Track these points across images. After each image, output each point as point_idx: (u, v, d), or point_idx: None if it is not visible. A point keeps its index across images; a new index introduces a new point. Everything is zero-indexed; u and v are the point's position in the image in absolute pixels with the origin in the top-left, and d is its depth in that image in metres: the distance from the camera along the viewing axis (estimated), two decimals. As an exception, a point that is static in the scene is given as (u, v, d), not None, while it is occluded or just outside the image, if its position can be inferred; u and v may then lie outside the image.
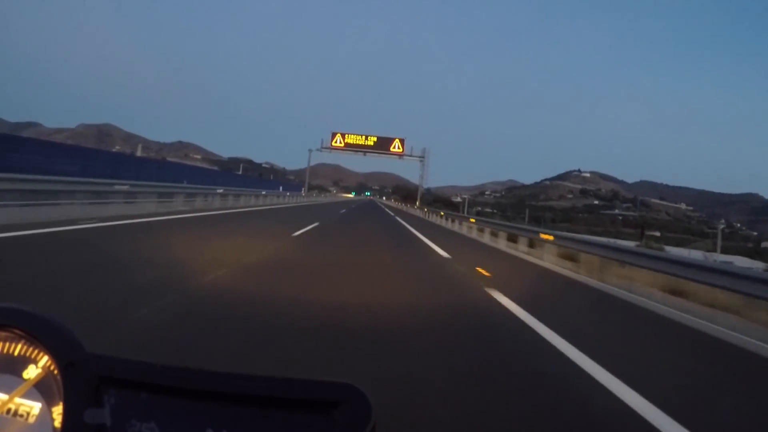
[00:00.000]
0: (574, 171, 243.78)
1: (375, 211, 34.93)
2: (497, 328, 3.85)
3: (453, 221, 21.02)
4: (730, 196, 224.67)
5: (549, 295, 6.13)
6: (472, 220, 18.24)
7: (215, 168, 79.06)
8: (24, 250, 5.16)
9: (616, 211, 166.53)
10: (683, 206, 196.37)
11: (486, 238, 14.54)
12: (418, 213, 35.20)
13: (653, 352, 3.75)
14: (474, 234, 16.28)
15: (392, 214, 31.69)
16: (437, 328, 3.66)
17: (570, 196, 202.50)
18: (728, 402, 2.74)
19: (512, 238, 12.76)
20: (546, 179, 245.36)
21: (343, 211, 27.46)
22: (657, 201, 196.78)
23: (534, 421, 2.14)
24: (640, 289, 6.64)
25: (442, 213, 24.99)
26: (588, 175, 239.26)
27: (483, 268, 7.36)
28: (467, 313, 4.28)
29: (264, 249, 7.37)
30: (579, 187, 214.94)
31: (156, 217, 10.55)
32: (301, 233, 10.56)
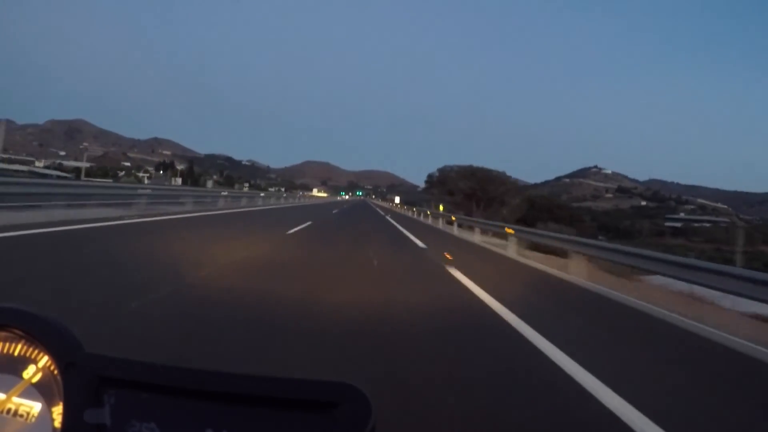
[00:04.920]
0: (593, 168, 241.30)
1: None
2: None
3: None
4: (756, 195, 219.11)
5: None
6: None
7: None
8: None
9: (681, 214, 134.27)
10: (724, 207, 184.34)
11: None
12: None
13: None
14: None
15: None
16: None
17: (609, 195, 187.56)
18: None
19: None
20: (562, 177, 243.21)
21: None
22: (702, 201, 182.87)
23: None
24: None
25: None
26: (609, 172, 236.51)
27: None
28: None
29: None
30: (602, 185, 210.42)
31: None
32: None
